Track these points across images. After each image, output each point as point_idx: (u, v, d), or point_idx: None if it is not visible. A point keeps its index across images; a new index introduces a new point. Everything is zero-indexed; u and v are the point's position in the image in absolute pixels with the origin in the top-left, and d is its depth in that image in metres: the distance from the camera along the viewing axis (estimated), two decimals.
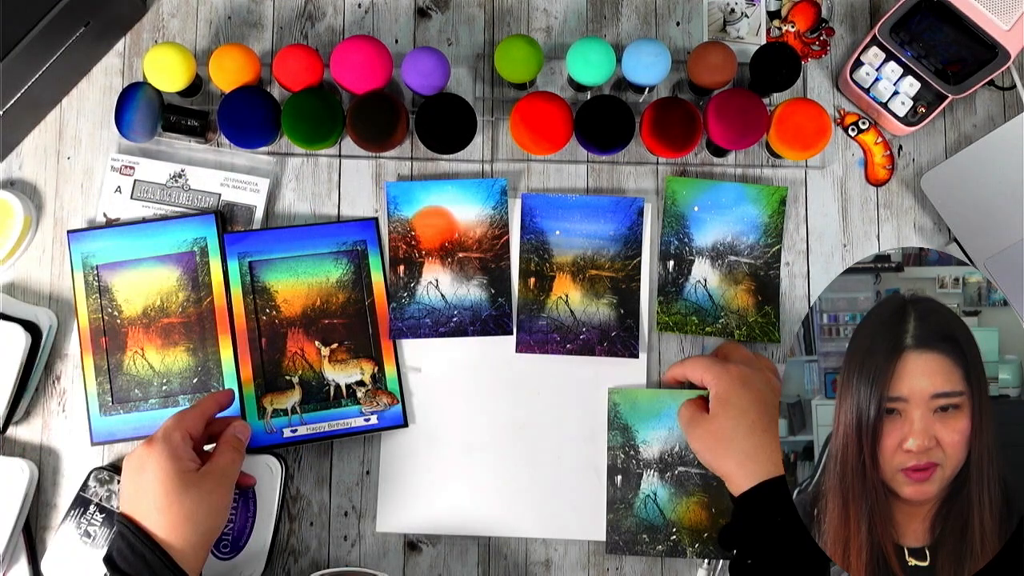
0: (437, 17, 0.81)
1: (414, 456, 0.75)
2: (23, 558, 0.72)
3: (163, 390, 0.75)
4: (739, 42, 0.80)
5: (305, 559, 0.74)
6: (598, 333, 0.75)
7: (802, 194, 0.79)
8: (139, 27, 0.81)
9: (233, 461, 0.65)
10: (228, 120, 0.72)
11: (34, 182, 0.79)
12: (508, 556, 0.75)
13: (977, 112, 0.80)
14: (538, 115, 0.72)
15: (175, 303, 0.75)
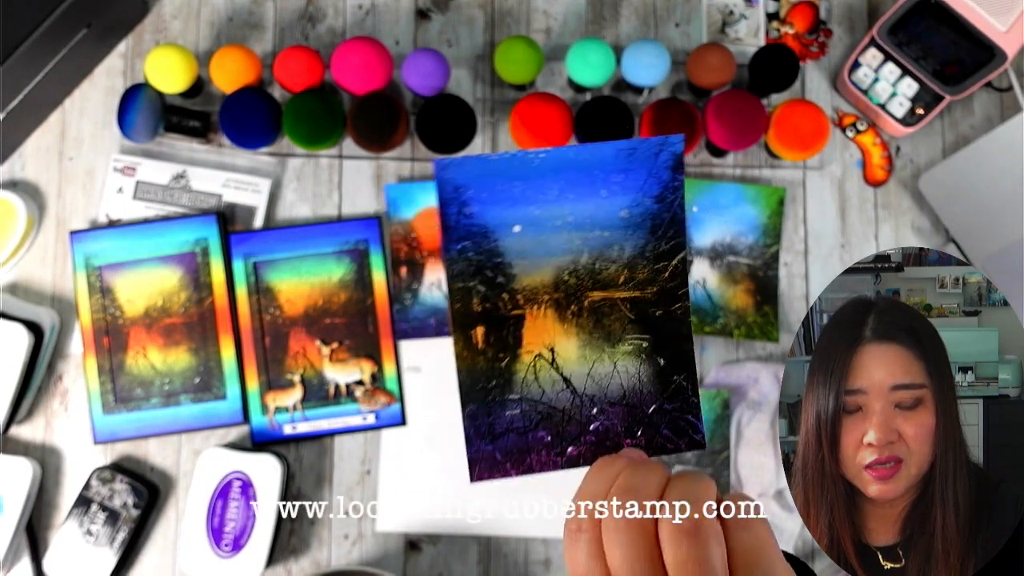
0: (437, 18, 0.81)
1: (414, 456, 0.75)
2: (25, 557, 0.73)
3: (165, 389, 0.75)
4: (738, 43, 0.80)
5: (306, 558, 0.75)
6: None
7: (800, 195, 0.79)
8: (141, 28, 0.81)
9: None
10: (229, 121, 0.73)
11: (36, 183, 0.79)
12: (508, 556, 0.75)
13: (975, 113, 0.80)
14: (538, 116, 0.72)
15: (177, 303, 0.76)
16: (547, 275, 0.40)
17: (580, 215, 0.39)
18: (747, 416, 0.74)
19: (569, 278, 0.40)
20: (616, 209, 0.39)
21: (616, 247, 0.40)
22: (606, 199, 0.39)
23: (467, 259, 0.39)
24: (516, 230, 0.39)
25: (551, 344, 0.41)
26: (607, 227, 0.40)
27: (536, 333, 0.41)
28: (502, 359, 0.41)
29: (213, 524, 0.71)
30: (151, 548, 0.75)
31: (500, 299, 0.40)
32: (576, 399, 0.41)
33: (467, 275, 0.40)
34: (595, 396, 0.41)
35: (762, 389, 0.74)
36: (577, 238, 0.40)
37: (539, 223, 0.39)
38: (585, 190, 0.39)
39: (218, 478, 0.72)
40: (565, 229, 0.39)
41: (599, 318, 0.41)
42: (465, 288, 0.40)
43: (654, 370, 0.41)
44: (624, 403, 0.41)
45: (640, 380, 0.41)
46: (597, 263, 0.40)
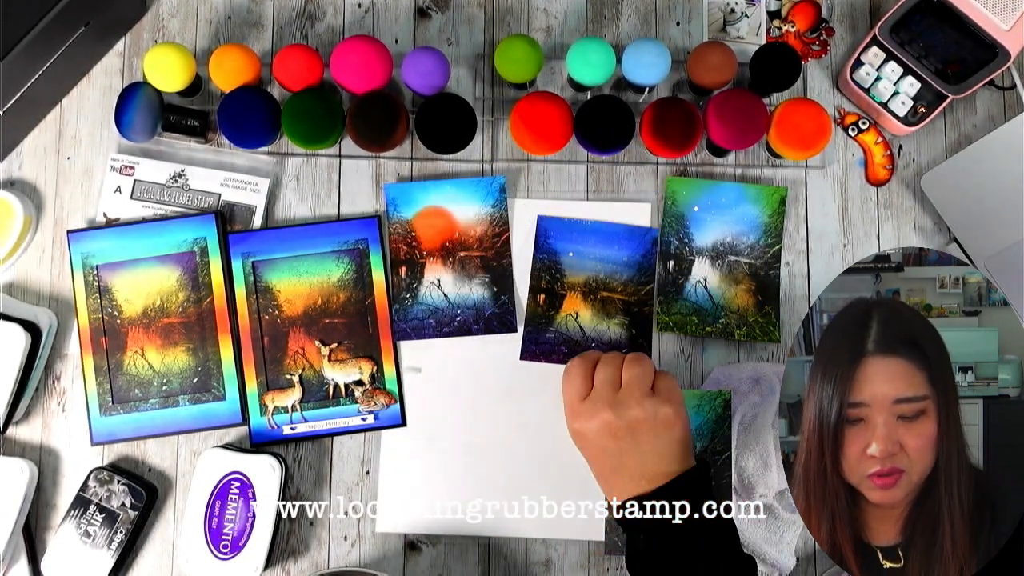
0: (437, 17, 0.81)
1: (414, 456, 0.75)
2: (23, 558, 0.72)
3: (163, 390, 0.75)
4: (739, 42, 0.80)
5: (305, 559, 0.74)
6: (608, 348, 0.75)
7: (802, 194, 0.79)
8: (139, 27, 0.81)
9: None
10: (228, 120, 0.72)
11: (34, 182, 0.79)
12: (508, 556, 0.75)
13: (977, 112, 0.80)
14: (538, 115, 0.72)
15: (175, 303, 0.75)
16: (581, 278, 0.77)
17: (602, 255, 0.77)
18: (748, 417, 0.73)
19: (592, 283, 0.77)
20: (621, 257, 0.77)
21: (618, 274, 0.77)
22: (616, 251, 0.77)
23: (544, 263, 0.77)
24: (570, 255, 0.77)
25: (576, 311, 0.77)
26: (615, 263, 0.77)
27: (570, 304, 0.77)
28: (550, 313, 0.77)
29: (211, 525, 0.71)
30: (149, 549, 0.74)
31: (555, 284, 0.77)
32: (584, 337, 0.77)
33: (542, 270, 0.77)
34: (595, 337, 0.77)
35: (763, 390, 0.74)
36: (599, 265, 0.77)
37: (581, 254, 0.77)
38: (607, 244, 0.77)
39: (216, 479, 0.72)
40: (593, 259, 0.77)
41: (604, 304, 0.77)
42: (539, 276, 0.77)
43: (627, 333, 0.77)
44: (609, 343, 0.76)
45: (620, 335, 0.77)
46: (607, 279, 0.77)
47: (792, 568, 0.73)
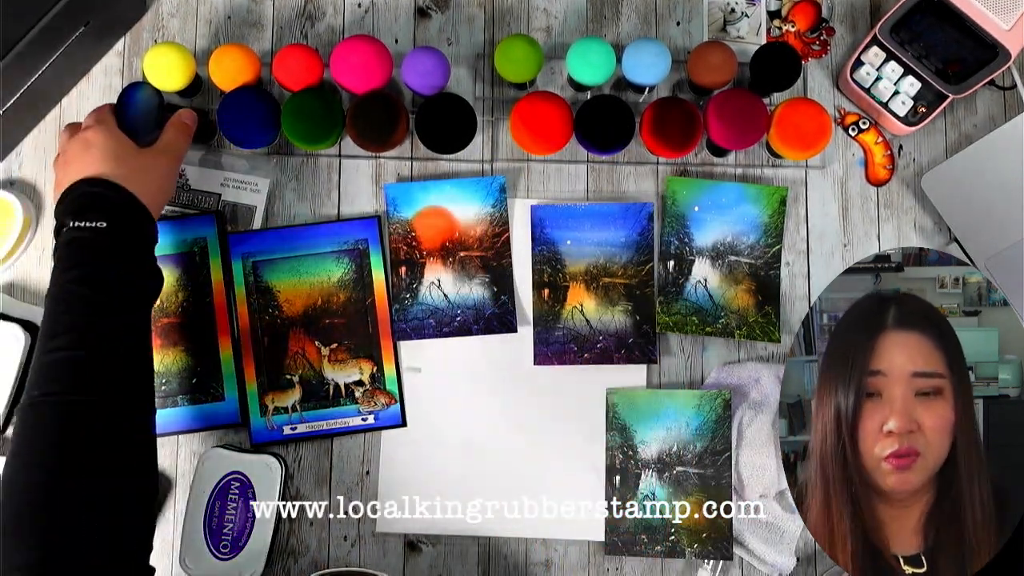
0: (437, 17, 0.81)
1: (414, 456, 0.75)
2: None
3: (163, 390, 0.75)
4: (739, 42, 0.80)
5: (305, 559, 0.74)
6: (615, 340, 0.75)
7: (802, 194, 0.79)
8: (139, 27, 0.81)
9: (178, 138, 0.70)
10: (228, 120, 0.72)
11: (34, 182, 0.79)
12: (508, 556, 0.75)
13: (977, 112, 0.80)
14: (538, 115, 0.72)
15: (175, 303, 0.75)
16: (582, 267, 0.77)
17: (600, 239, 0.77)
18: (748, 417, 0.73)
19: (593, 269, 0.77)
20: (619, 238, 0.77)
21: (617, 257, 0.77)
22: (613, 232, 0.77)
23: (543, 255, 0.77)
24: (568, 243, 0.77)
25: (581, 303, 0.76)
26: (613, 246, 0.77)
27: (574, 296, 0.77)
28: (556, 308, 0.77)
29: (212, 525, 0.71)
30: None
31: (557, 276, 0.77)
32: (591, 331, 0.76)
33: (542, 262, 0.77)
34: (601, 331, 0.76)
35: (763, 389, 0.74)
36: (598, 250, 0.77)
37: (580, 241, 0.77)
38: (603, 227, 0.77)
39: (216, 479, 0.72)
40: (592, 245, 0.77)
41: (607, 291, 0.77)
42: (541, 270, 0.77)
43: (632, 320, 0.76)
44: (615, 335, 0.76)
45: (625, 324, 0.76)
46: (607, 263, 0.77)
47: (792, 568, 0.73)
